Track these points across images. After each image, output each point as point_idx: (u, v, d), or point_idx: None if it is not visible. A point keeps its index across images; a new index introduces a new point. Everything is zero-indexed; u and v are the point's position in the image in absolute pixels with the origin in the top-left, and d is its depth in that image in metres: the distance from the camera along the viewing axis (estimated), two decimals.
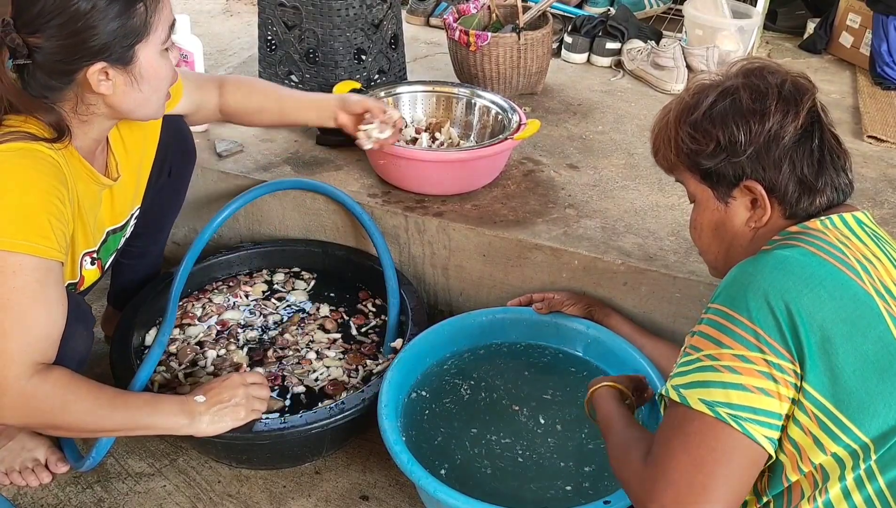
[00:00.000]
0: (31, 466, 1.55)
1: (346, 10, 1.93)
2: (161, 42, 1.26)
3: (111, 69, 1.22)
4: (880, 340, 0.97)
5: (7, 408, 1.18)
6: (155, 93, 1.30)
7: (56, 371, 1.21)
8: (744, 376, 0.96)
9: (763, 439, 0.96)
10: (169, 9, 1.28)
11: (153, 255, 1.80)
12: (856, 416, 0.95)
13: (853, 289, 0.99)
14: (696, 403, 0.97)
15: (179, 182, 1.71)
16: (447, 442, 1.49)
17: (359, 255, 1.88)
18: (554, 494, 1.39)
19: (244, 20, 2.94)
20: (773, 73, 1.11)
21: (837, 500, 0.98)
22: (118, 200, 1.44)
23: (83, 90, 1.24)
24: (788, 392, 0.96)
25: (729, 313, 0.99)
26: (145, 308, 1.72)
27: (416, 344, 1.58)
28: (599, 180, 1.95)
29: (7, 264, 1.15)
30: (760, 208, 1.10)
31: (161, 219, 1.74)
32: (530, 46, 2.22)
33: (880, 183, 1.98)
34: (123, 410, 1.28)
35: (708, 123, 1.10)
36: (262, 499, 1.53)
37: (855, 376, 0.95)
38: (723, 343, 0.98)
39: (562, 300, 1.66)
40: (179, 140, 1.63)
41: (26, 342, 1.18)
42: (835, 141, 1.11)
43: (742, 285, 1.00)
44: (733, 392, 0.96)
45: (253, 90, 1.69)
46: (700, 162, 1.12)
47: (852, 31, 2.65)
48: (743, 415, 0.96)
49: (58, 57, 1.18)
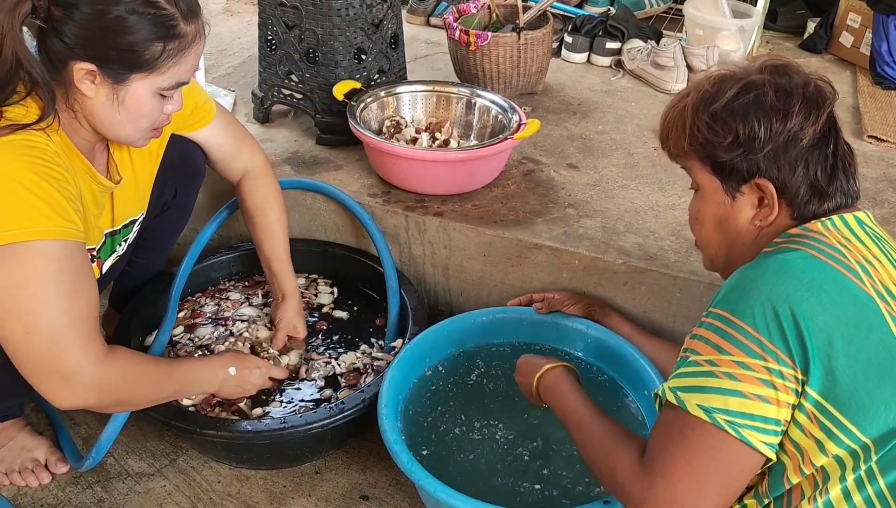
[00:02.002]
0: (30, 466, 1.55)
1: (346, 9, 1.93)
2: (160, 87, 1.24)
3: (100, 76, 1.20)
4: (882, 342, 0.97)
5: (87, 390, 1.20)
6: (131, 123, 1.27)
7: (120, 350, 1.26)
8: (743, 383, 0.96)
9: (761, 444, 0.96)
10: (186, 70, 1.26)
11: (157, 265, 1.81)
12: (856, 417, 0.95)
13: (854, 292, 0.99)
14: (694, 408, 0.98)
15: (185, 204, 1.71)
16: (447, 442, 1.49)
17: (359, 255, 1.88)
18: (554, 494, 1.38)
19: (244, 20, 2.94)
20: (798, 73, 1.10)
21: (837, 501, 0.98)
22: (119, 202, 1.44)
23: (70, 88, 1.22)
24: (789, 398, 0.96)
25: (731, 318, 0.99)
26: (145, 309, 1.72)
27: (416, 344, 1.58)
28: (599, 180, 1.95)
29: (36, 252, 1.15)
30: (767, 208, 1.09)
31: (165, 237, 1.75)
32: (530, 46, 2.22)
33: (880, 183, 1.98)
34: (177, 379, 1.38)
35: (728, 114, 1.08)
36: (261, 499, 1.53)
37: (856, 378, 0.95)
38: (723, 349, 0.98)
39: (562, 300, 1.66)
40: (187, 163, 1.61)
41: (83, 325, 1.19)
42: (847, 149, 1.11)
43: (744, 291, 1.00)
44: (731, 399, 0.96)
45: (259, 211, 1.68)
46: (714, 153, 1.11)
47: (853, 30, 2.65)
48: (740, 422, 0.96)
49: (66, 38, 1.17)
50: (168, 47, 1.21)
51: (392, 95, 2.02)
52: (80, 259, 1.21)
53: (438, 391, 1.59)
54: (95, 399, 1.22)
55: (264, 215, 1.68)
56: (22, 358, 1.17)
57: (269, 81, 2.11)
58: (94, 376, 1.19)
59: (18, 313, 1.14)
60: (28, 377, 1.19)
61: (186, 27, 1.23)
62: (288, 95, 2.09)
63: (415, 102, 2.04)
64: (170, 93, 1.27)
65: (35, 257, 1.14)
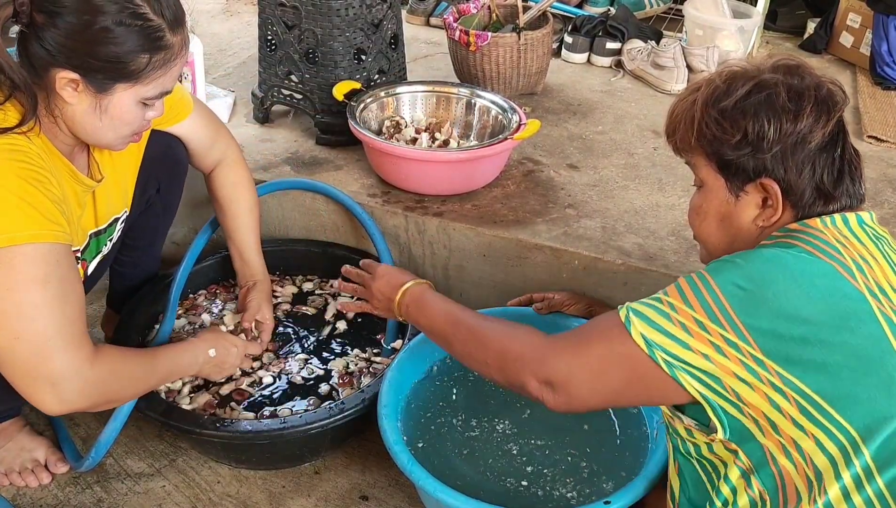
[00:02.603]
0: (30, 466, 1.55)
1: (345, 10, 1.93)
2: (144, 97, 1.24)
3: (83, 84, 1.19)
4: (870, 336, 0.98)
5: (76, 394, 1.19)
6: (112, 130, 1.27)
7: (106, 350, 1.26)
8: (694, 339, 0.99)
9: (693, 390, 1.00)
10: (171, 79, 1.26)
11: (148, 264, 1.80)
12: (837, 403, 0.96)
13: (845, 287, 1.00)
14: (637, 335, 1.01)
15: (169, 199, 1.70)
16: (447, 442, 1.48)
17: (359, 255, 1.88)
18: (554, 494, 1.38)
19: (244, 20, 2.94)
20: (811, 75, 1.10)
21: (837, 501, 0.98)
22: (101, 201, 1.43)
23: (51, 94, 1.21)
24: (735, 368, 0.98)
25: (710, 282, 1.01)
26: (144, 309, 1.72)
27: (417, 344, 1.58)
28: (599, 180, 1.95)
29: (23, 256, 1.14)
30: (771, 208, 1.09)
31: (151, 233, 1.74)
32: (530, 46, 2.22)
33: (880, 183, 1.98)
34: (161, 370, 1.39)
35: (738, 112, 1.08)
36: (261, 499, 1.53)
37: (840, 368, 0.96)
38: (689, 302, 1.01)
39: (562, 300, 1.65)
40: (169, 158, 1.61)
41: (71, 329, 1.18)
42: (854, 152, 1.11)
43: (733, 265, 1.02)
44: (676, 346, 1.00)
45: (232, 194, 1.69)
46: (721, 151, 1.10)
47: (852, 31, 2.65)
48: (677, 363, 0.99)
49: (48, 45, 1.16)
50: (154, 59, 1.20)
51: (392, 95, 2.02)
52: (68, 262, 1.20)
53: (438, 390, 1.59)
54: (85, 403, 1.22)
55: (237, 204, 1.69)
56: (8, 364, 1.16)
57: (268, 81, 2.11)
58: (82, 380, 1.19)
59: (5, 318, 1.13)
60: (15, 383, 1.18)
61: (173, 38, 1.21)
62: (288, 95, 2.09)
63: (415, 102, 2.04)
64: (153, 102, 1.26)
65: (22, 261, 1.13)
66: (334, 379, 1.61)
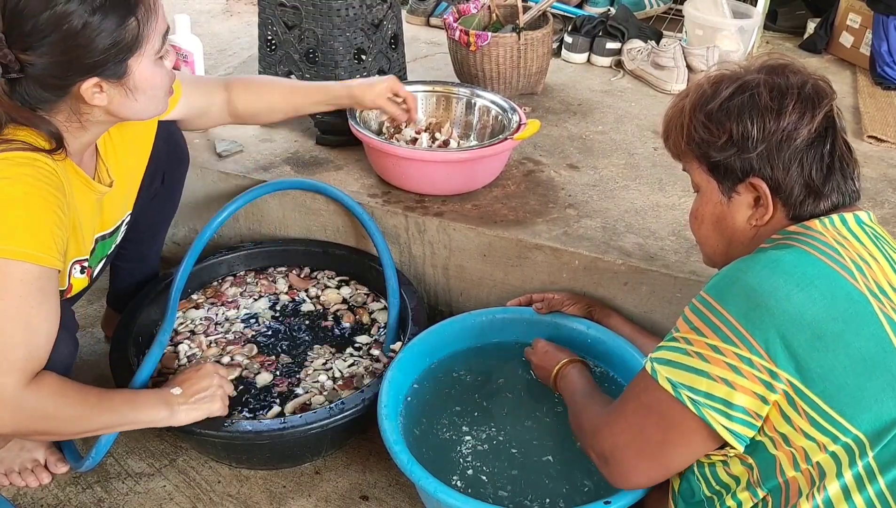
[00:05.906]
0: (30, 466, 1.55)
1: (346, 10, 1.93)
2: (154, 52, 1.25)
3: (105, 83, 1.21)
4: (873, 337, 0.98)
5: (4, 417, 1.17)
6: (152, 100, 1.29)
7: (48, 378, 1.21)
8: (711, 364, 1.00)
9: (720, 427, 1.00)
10: (161, 17, 1.26)
11: (149, 259, 1.80)
12: (846, 410, 0.96)
13: (846, 288, 1.00)
14: (663, 380, 1.03)
15: (173, 188, 1.70)
16: (447, 442, 1.48)
17: (359, 255, 1.88)
18: (554, 494, 1.38)
19: (244, 20, 2.94)
20: (796, 73, 1.10)
21: (837, 499, 0.98)
22: (108, 206, 1.43)
23: (77, 102, 1.23)
24: (754, 387, 0.98)
25: (713, 303, 1.02)
26: (145, 309, 1.72)
27: (416, 344, 1.58)
28: (599, 180, 1.95)
29: (14, 272, 1.15)
30: (762, 207, 1.10)
31: (155, 225, 1.74)
32: (530, 46, 2.22)
33: (880, 183, 1.98)
34: (109, 411, 1.30)
35: (723, 114, 1.09)
36: (261, 499, 1.53)
37: (846, 372, 0.96)
38: (700, 331, 1.02)
39: (562, 300, 1.66)
40: (172, 146, 1.62)
41: (29, 352, 1.18)
42: (846, 148, 1.11)
43: (731, 280, 1.03)
44: (699, 379, 1.00)
45: (262, 90, 1.70)
46: (709, 153, 1.12)
47: (852, 31, 2.65)
48: (703, 401, 1.00)
49: (50, 72, 1.17)
50: (140, 16, 1.21)
51: None
52: (51, 288, 1.20)
53: (438, 391, 1.59)
54: (11, 427, 1.20)
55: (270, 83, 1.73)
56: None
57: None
58: (14, 404, 1.16)
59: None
60: None
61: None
62: None
63: None
64: (163, 50, 1.27)
65: (4, 274, 1.14)
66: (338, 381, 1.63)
